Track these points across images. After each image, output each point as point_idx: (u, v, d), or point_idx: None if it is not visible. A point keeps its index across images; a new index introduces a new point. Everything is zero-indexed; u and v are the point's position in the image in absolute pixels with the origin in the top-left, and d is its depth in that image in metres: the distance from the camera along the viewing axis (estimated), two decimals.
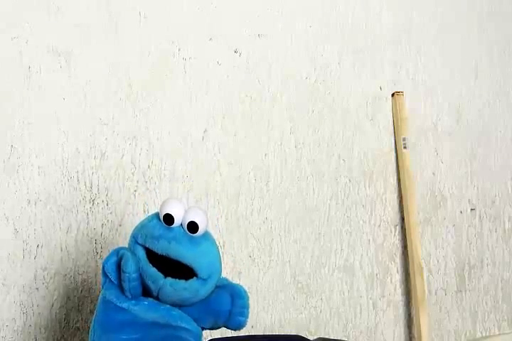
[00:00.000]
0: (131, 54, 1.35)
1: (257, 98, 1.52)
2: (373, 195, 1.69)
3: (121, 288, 1.04)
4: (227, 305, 1.07)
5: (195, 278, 1.03)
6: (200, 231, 1.03)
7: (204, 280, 1.03)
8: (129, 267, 1.02)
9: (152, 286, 1.03)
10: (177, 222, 1.03)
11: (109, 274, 1.05)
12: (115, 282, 1.04)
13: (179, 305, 1.05)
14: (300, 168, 1.58)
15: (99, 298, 1.05)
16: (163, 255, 1.02)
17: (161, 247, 1.03)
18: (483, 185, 1.94)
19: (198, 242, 1.04)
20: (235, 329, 1.09)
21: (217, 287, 1.07)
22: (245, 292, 1.09)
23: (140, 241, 1.04)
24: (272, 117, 1.54)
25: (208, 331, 1.39)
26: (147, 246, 1.03)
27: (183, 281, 1.02)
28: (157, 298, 1.04)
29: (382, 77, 1.74)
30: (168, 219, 1.03)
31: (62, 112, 1.26)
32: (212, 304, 1.07)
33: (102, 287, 1.06)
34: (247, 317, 1.08)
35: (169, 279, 1.02)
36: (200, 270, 1.03)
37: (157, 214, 1.06)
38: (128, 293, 1.03)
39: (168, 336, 1.04)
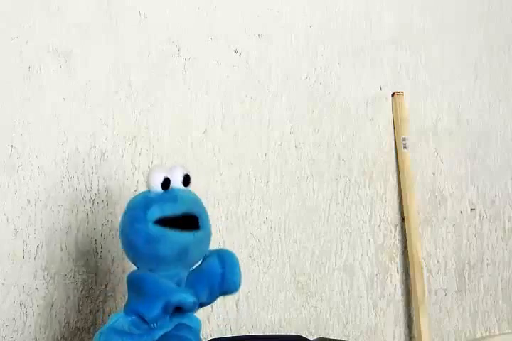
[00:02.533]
0: (131, 54, 1.35)
1: (257, 98, 1.52)
2: (373, 195, 1.69)
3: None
4: (217, 268, 1.07)
5: (201, 222, 1.06)
6: (191, 182, 1.08)
7: (206, 221, 1.08)
8: (192, 298, 1.03)
9: (187, 248, 1.04)
10: (172, 183, 1.06)
11: (154, 324, 1.02)
12: (155, 327, 1.03)
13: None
14: (300, 168, 1.58)
15: (118, 321, 1.04)
16: (183, 214, 1.04)
17: (180, 207, 1.04)
18: (483, 185, 1.93)
19: (190, 192, 1.08)
20: (231, 292, 1.09)
21: (205, 255, 1.09)
22: (231, 252, 1.10)
23: (150, 217, 1.03)
24: (271, 117, 1.54)
25: (208, 331, 1.40)
26: (163, 215, 1.03)
27: (201, 230, 1.05)
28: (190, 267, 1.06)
29: (382, 77, 1.74)
30: (166, 183, 1.05)
31: (62, 112, 1.26)
32: (203, 271, 1.07)
33: (126, 316, 1.04)
34: (240, 275, 1.08)
35: (195, 232, 1.04)
36: (203, 214, 1.07)
37: (139, 193, 1.08)
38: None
39: (168, 336, 1.04)
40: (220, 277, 1.07)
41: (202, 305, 1.09)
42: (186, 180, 1.07)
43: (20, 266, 1.20)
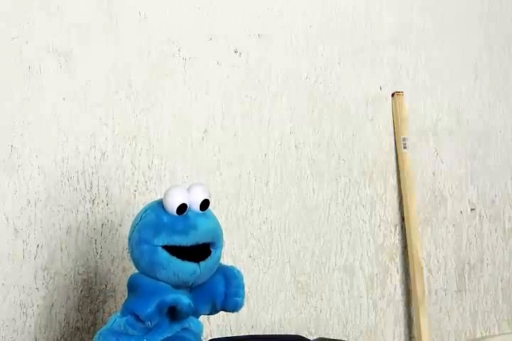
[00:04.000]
0: (131, 54, 1.35)
1: (257, 98, 1.52)
2: (373, 195, 1.69)
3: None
4: (222, 286, 1.07)
5: (212, 250, 1.05)
6: (209, 209, 1.06)
7: (220, 247, 1.07)
8: (187, 300, 1.02)
9: (189, 278, 1.03)
10: (190, 205, 1.04)
11: (148, 323, 1.01)
12: (150, 327, 1.02)
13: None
14: (300, 168, 1.58)
15: (115, 322, 1.03)
16: (192, 245, 1.03)
17: (191, 239, 1.03)
18: (483, 185, 1.93)
19: (208, 215, 1.06)
20: (232, 311, 1.09)
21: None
22: (238, 272, 1.09)
23: (158, 242, 1.02)
24: (271, 117, 1.54)
25: (208, 331, 1.40)
26: (171, 244, 1.02)
27: (209, 259, 1.04)
28: (190, 287, 1.05)
29: (382, 77, 1.74)
30: (182, 209, 1.03)
31: (62, 112, 1.26)
32: (207, 288, 1.07)
33: (122, 317, 1.04)
34: (243, 297, 1.07)
35: (201, 263, 1.03)
36: (218, 241, 1.06)
37: (155, 208, 1.05)
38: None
39: (169, 338, 1.04)
40: (223, 295, 1.07)
41: (207, 314, 1.11)
42: (204, 205, 1.05)
43: (20, 266, 1.20)
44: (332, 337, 1.58)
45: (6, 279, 1.19)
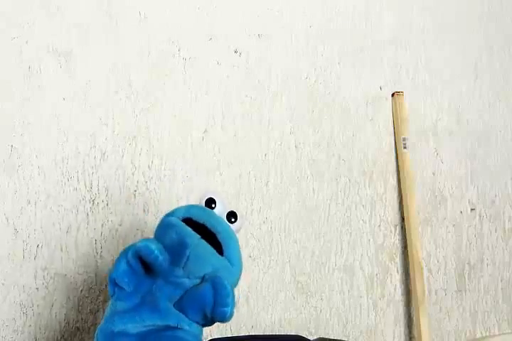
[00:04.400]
0: (131, 54, 1.35)
1: (257, 98, 1.52)
2: (373, 195, 1.69)
3: (133, 295, 1.03)
4: (210, 297, 1.04)
5: (223, 256, 1.05)
6: (238, 222, 1.10)
7: (230, 264, 1.07)
8: (154, 245, 1.02)
9: (185, 249, 1.03)
10: (217, 208, 1.08)
11: (123, 283, 1.02)
12: (128, 288, 1.03)
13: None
14: (300, 168, 1.58)
15: (109, 307, 1.04)
16: (203, 223, 1.05)
17: (204, 216, 1.06)
18: (483, 185, 1.93)
19: (234, 232, 1.10)
20: (221, 321, 1.06)
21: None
22: (227, 282, 1.07)
23: (179, 214, 1.06)
24: (272, 117, 1.54)
25: (208, 331, 1.40)
26: (189, 216, 1.05)
27: (214, 250, 1.05)
28: (182, 269, 1.04)
29: (382, 77, 1.74)
30: (210, 202, 1.07)
31: (62, 112, 1.26)
32: (196, 298, 1.05)
33: (112, 297, 1.04)
34: (232, 306, 1.05)
35: (204, 241, 1.05)
36: (228, 251, 1.07)
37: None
38: (161, 267, 1.03)
39: (167, 337, 1.04)
40: (212, 305, 1.04)
41: (201, 324, 1.09)
42: (230, 217, 1.09)
43: (20, 266, 1.20)
44: (332, 337, 1.58)
45: (6, 279, 1.19)
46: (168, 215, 1.08)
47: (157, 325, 1.03)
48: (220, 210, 1.09)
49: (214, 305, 1.04)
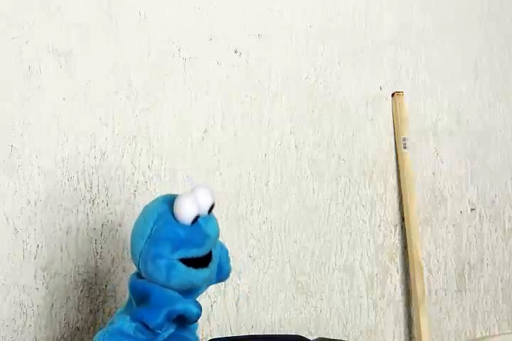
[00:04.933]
0: (131, 54, 1.35)
1: (257, 98, 1.52)
2: (373, 195, 1.69)
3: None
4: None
5: (213, 250, 1.05)
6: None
7: (217, 243, 1.07)
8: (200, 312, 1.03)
9: (202, 283, 1.05)
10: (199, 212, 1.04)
11: (157, 331, 1.02)
12: (158, 335, 1.03)
13: None
14: (300, 168, 1.58)
15: (124, 324, 1.03)
16: (205, 254, 1.03)
17: (206, 249, 1.03)
18: (483, 185, 1.93)
19: (213, 217, 1.06)
20: (225, 279, 1.11)
21: None
22: (223, 244, 1.11)
23: (176, 256, 1.01)
24: (272, 117, 1.54)
25: (208, 331, 1.40)
26: (189, 257, 1.02)
27: (214, 257, 1.05)
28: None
29: (382, 77, 1.74)
30: (196, 220, 1.02)
31: (62, 112, 1.26)
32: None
33: (132, 322, 1.03)
34: (230, 265, 1.11)
35: (210, 266, 1.04)
36: (218, 249, 1.07)
37: (166, 218, 1.03)
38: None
39: (169, 337, 1.04)
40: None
41: None
42: (211, 209, 1.05)
43: (20, 266, 1.20)
44: (332, 337, 1.58)
45: (6, 279, 1.19)
46: (160, 255, 1.02)
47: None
48: (204, 214, 1.04)
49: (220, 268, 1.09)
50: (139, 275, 1.05)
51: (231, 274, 1.12)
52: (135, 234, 1.05)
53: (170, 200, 1.03)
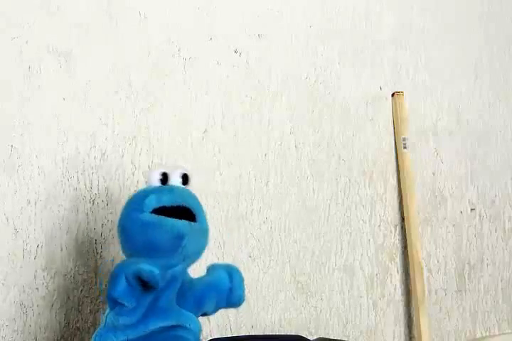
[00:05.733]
0: (131, 54, 1.35)
1: (257, 98, 1.52)
2: (373, 195, 1.69)
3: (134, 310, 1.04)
4: (226, 282, 1.11)
5: (197, 215, 1.08)
6: (190, 182, 1.10)
7: (202, 226, 1.09)
8: (157, 271, 1.02)
9: (183, 233, 1.05)
10: (171, 181, 1.09)
11: (124, 301, 1.02)
12: (130, 305, 1.03)
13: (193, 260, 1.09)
14: (300, 168, 1.58)
15: (108, 317, 1.04)
16: (179, 205, 1.06)
17: (177, 198, 1.06)
18: (483, 185, 1.94)
19: (190, 191, 1.10)
20: (237, 306, 1.13)
21: (212, 269, 1.13)
22: (238, 269, 1.14)
23: (147, 208, 1.05)
24: (272, 117, 1.54)
25: (208, 331, 1.40)
26: (159, 205, 1.05)
27: (198, 222, 1.07)
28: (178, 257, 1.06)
29: (382, 77, 1.74)
30: (164, 179, 1.08)
31: (62, 112, 1.26)
32: (212, 284, 1.10)
33: (111, 310, 1.04)
34: (244, 291, 1.12)
35: (192, 224, 1.06)
36: (199, 217, 1.08)
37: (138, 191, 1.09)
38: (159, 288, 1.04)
39: (168, 337, 1.04)
40: (228, 291, 1.11)
41: (205, 314, 1.13)
42: (185, 179, 1.10)
43: (20, 266, 1.20)
44: (332, 337, 1.58)
45: (6, 279, 1.19)
46: (135, 210, 1.07)
47: (159, 326, 1.04)
48: (176, 179, 1.09)
49: (230, 290, 1.11)
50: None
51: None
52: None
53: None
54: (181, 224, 1.05)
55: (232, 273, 1.12)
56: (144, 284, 1.02)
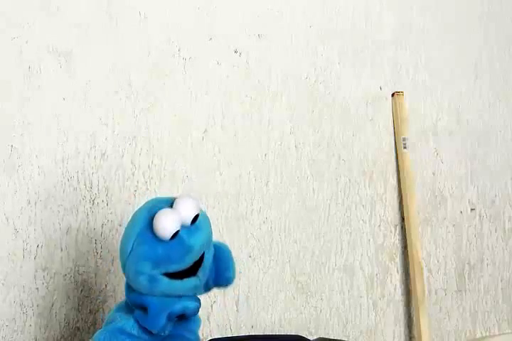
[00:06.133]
0: (131, 54, 1.35)
1: (257, 98, 1.52)
2: (373, 195, 1.69)
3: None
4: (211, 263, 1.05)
5: (206, 253, 1.03)
6: (199, 217, 1.02)
7: (211, 247, 1.05)
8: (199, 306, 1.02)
9: (191, 292, 1.03)
10: (181, 226, 1.01)
11: (163, 333, 1.02)
12: (164, 335, 1.03)
13: None
14: (300, 168, 1.58)
15: (125, 324, 1.03)
16: (190, 265, 1.02)
17: (188, 261, 1.01)
18: (483, 185, 1.94)
19: (199, 226, 1.02)
20: (225, 286, 1.08)
21: None
22: (226, 247, 1.08)
23: (156, 273, 1.00)
24: (272, 117, 1.54)
25: (208, 331, 1.40)
26: (170, 271, 1.00)
27: (204, 263, 1.03)
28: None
29: (382, 77, 1.74)
30: (175, 235, 1.00)
31: (62, 112, 1.26)
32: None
33: (141, 331, 1.03)
34: (233, 270, 1.07)
35: (199, 273, 1.02)
36: (210, 244, 1.04)
37: (146, 235, 1.01)
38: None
39: (169, 336, 1.04)
40: (213, 272, 1.05)
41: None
42: (195, 219, 1.02)
43: (20, 266, 1.20)
44: (332, 337, 1.58)
45: (6, 279, 1.19)
46: (141, 274, 1.01)
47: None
48: (187, 225, 1.02)
49: (216, 271, 1.06)
50: (129, 285, 1.05)
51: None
52: (121, 247, 1.04)
53: (157, 209, 1.01)
54: (190, 284, 1.02)
55: (217, 252, 1.06)
56: (181, 317, 1.03)
